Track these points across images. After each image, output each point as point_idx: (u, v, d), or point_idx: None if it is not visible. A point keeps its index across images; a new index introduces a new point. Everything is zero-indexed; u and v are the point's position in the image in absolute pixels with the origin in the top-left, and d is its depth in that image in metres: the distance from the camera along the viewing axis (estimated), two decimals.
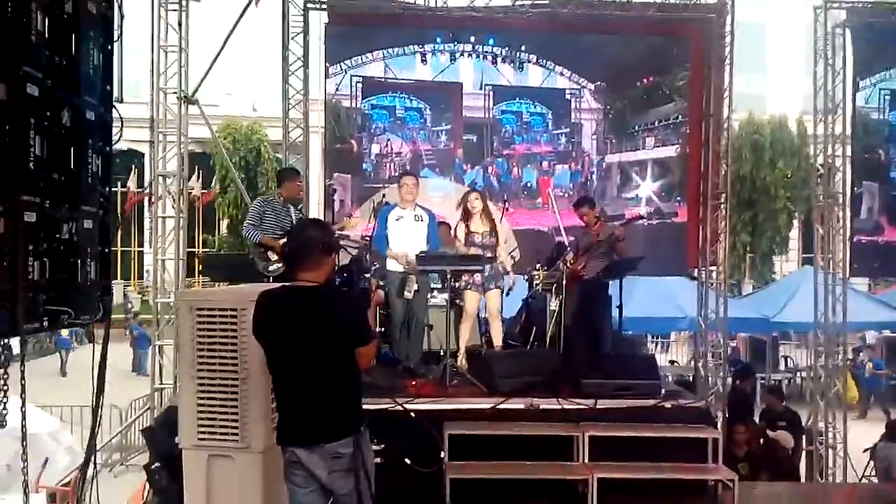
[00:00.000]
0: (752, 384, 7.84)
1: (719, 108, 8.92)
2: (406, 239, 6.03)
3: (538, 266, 7.08)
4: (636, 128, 9.10)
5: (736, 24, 8.93)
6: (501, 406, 5.07)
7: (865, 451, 8.50)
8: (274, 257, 6.05)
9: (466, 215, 6.29)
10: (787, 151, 28.41)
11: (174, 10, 8.79)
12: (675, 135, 9.08)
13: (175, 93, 8.89)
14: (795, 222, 29.14)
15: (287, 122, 8.78)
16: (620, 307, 6.06)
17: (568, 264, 6.50)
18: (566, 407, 5.05)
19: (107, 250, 3.61)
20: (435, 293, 6.71)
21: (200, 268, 8.22)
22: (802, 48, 31.26)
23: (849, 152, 9.27)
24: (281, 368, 3.14)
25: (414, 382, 5.48)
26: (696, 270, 9.27)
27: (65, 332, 18.73)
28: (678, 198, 9.11)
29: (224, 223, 27.23)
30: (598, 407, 5.06)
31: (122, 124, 3.89)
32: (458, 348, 6.06)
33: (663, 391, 5.42)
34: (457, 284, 6.04)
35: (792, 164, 28.32)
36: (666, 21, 8.84)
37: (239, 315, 3.52)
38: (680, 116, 9.05)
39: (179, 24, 8.72)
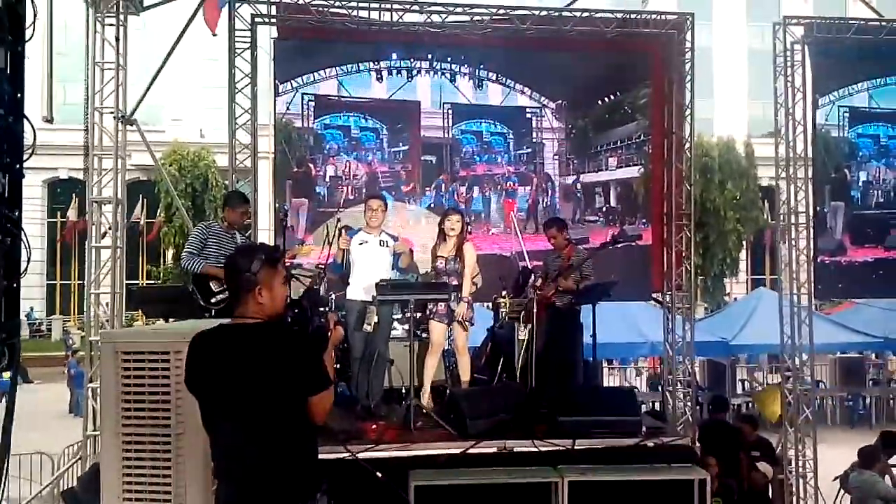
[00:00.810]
0: (727, 415, 7.56)
1: (681, 126, 8.74)
2: (368, 266, 5.58)
3: (504, 293, 6.67)
4: (599, 147, 8.85)
5: None
6: (472, 450, 4.60)
7: (835, 479, 8.27)
8: (217, 287, 5.51)
9: (443, 235, 5.87)
10: (735, 173, 28.95)
11: (111, 25, 8.23)
12: (638, 154, 8.86)
13: (112, 113, 8.28)
14: (744, 244, 29.61)
15: (234, 143, 8.24)
16: (594, 335, 5.68)
17: (537, 291, 6.11)
18: (542, 449, 4.62)
19: (14, 285, 3.10)
20: (395, 324, 6.24)
21: (134, 313, 7.54)
22: (746, 72, 32.02)
23: (811, 172, 9.17)
24: (218, 424, 2.63)
25: (375, 426, 4.96)
26: (660, 294, 9.01)
27: (5, 374, 17.39)
28: (642, 220, 8.86)
29: (170, 253, 26.25)
30: (576, 448, 4.64)
31: (34, 138, 3.40)
32: (422, 385, 5.58)
33: (644, 428, 5.04)
34: (419, 315, 5.59)
35: (740, 186, 28.85)
36: (626, 37, 8.65)
37: (172, 359, 3.02)
38: (642, 135, 8.85)
39: (117, 39, 8.16)
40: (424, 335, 5.90)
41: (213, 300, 5.64)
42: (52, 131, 26.50)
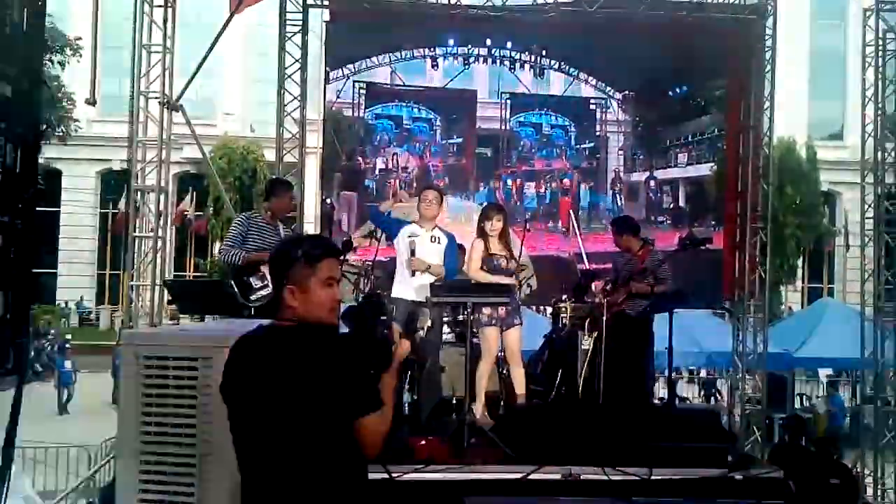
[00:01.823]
0: (806, 437, 6.89)
1: (759, 121, 8.06)
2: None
3: (564, 298, 6.12)
4: (668, 143, 8.22)
5: None
6: (533, 476, 4.07)
7: None
8: (258, 283, 5.10)
9: (483, 235, 5.36)
10: (795, 176, 27.69)
11: (160, 7, 7.93)
12: (711, 151, 8.21)
13: (158, 98, 7.98)
14: (802, 251, 28.38)
15: (282, 132, 7.88)
16: (671, 348, 5.10)
17: (605, 296, 5.55)
18: (614, 478, 4.06)
19: (25, 275, 2.70)
20: (444, 329, 5.74)
21: (168, 297, 7.20)
22: (808, 71, 30.47)
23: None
24: (248, 445, 2.18)
25: (424, 442, 4.44)
26: (730, 302, 8.35)
27: (68, 364, 17.28)
28: (713, 222, 8.20)
29: (216, 246, 26.31)
30: (653, 478, 4.07)
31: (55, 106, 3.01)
32: (474, 397, 5.07)
33: (729, 458, 4.43)
34: (473, 318, 5.09)
35: (800, 191, 27.60)
36: (701, 24, 8.02)
37: (201, 367, 2.58)
38: (716, 130, 8.18)
39: (164, 21, 7.84)
40: (476, 341, 5.40)
41: (252, 297, 5.23)
42: (106, 122, 26.88)
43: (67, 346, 20.77)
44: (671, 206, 8.15)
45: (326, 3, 8.09)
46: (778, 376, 16.11)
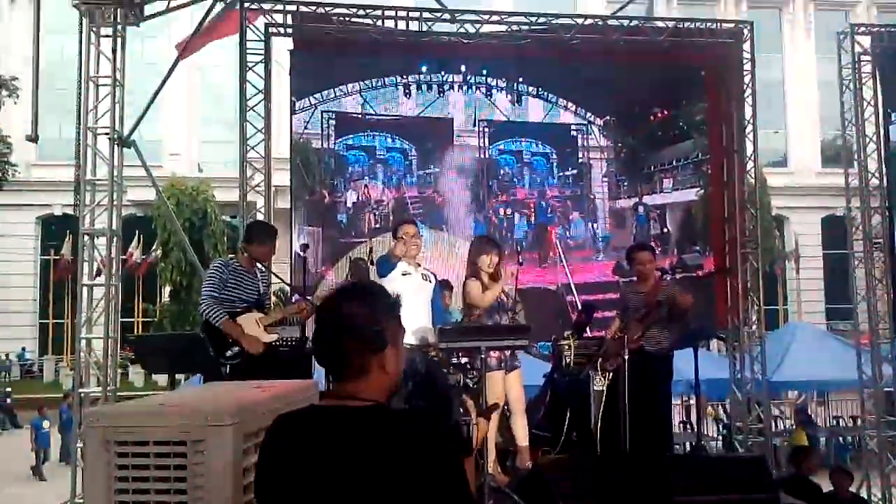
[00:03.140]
0: (814, 467, 6.56)
1: (742, 145, 7.87)
2: (413, 304, 4.59)
3: (566, 334, 5.67)
4: (652, 168, 7.95)
5: None
6: None
7: None
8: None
9: (476, 272, 4.91)
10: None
11: (107, 37, 7.35)
12: (696, 175, 7.97)
13: (107, 134, 7.34)
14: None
15: (245, 167, 7.31)
16: (697, 386, 4.68)
17: (616, 332, 5.12)
18: None
19: None
20: None
21: (131, 355, 6.51)
22: (817, 103, 30.75)
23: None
24: None
25: None
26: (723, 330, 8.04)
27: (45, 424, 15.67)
28: (702, 247, 7.92)
29: (166, 290, 25.20)
30: None
31: None
32: (485, 451, 4.53)
33: None
34: (465, 361, 4.60)
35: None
36: (679, 48, 7.84)
37: (191, 452, 2.01)
38: (700, 154, 7.96)
39: (113, 52, 7.25)
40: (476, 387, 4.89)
41: (227, 353, 4.64)
42: (46, 167, 25.72)
43: (8, 400, 19.38)
44: (659, 232, 7.84)
45: (290, 31, 7.63)
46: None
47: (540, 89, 7.78)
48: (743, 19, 8.35)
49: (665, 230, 7.91)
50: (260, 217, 7.44)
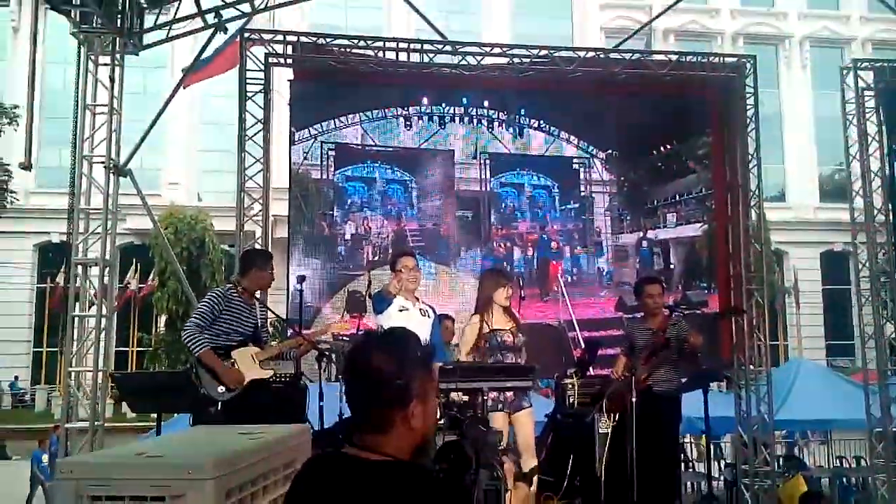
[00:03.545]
0: None
1: (746, 179, 7.78)
2: None
3: (570, 373, 5.50)
4: (655, 202, 7.84)
5: None
6: None
7: None
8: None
9: (488, 306, 4.76)
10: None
11: (105, 65, 7.28)
12: (700, 210, 7.86)
13: (103, 162, 7.23)
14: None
15: (242, 197, 7.20)
16: (707, 429, 4.50)
17: (623, 372, 4.95)
18: None
19: None
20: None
21: (114, 391, 6.31)
22: (814, 139, 30.85)
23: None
24: None
25: None
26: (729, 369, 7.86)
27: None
28: (707, 284, 7.78)
29: (162, 319, 24.95)
30: None
31: None
32: None
33: None
34: (478, 402, 4.42)
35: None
36: (681, 81, 7.80)
37: None
38: (703, 189, 7.86)
39: (111, 80, 7.17)
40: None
41: (220, 389, 4.46)
42: (44, 194, 25.66)
43: None
44: (663, 268, 7.70)
45: (290, 62, 7.58)
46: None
47: (541, 122, 7.71)
48: (744, 53, 8.27)
49: (669, 266, 7.77)
50: (258, 247, 7.32)
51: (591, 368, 5.69)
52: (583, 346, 6.49)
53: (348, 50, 7.45)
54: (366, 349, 1.66)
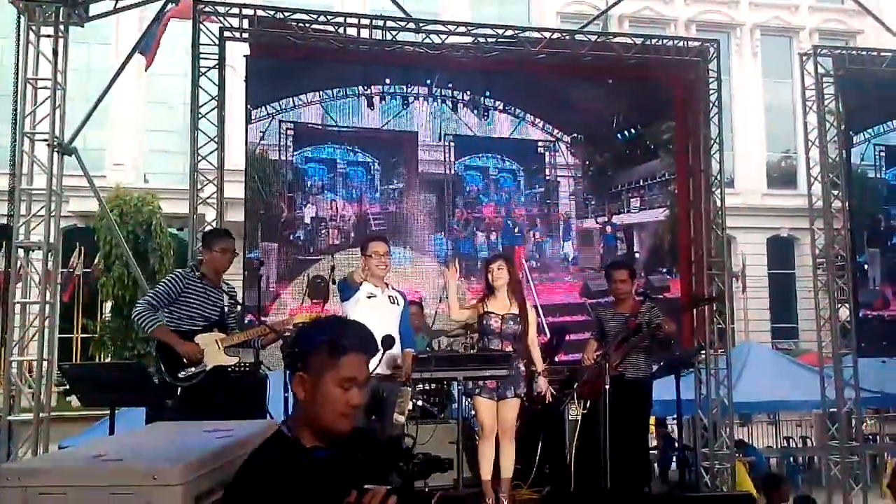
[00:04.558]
0: (787, 495, 6.45)
1: (708, 164, 7.80)
2: (380, 328, 4.27)
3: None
4: (620, 187, 7.80)
5: None
6: None
7: None
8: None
9: (488, 290, 4.67)
10: None
11: (48, 36, 6.86)
12: (663, 195, 7.85)
13: (46, 140, 6.84)
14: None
15: (196, 177, 6.89)
16: (679, 418, 4.47)
17: (595, 358, 4.88)
18: None
19: None
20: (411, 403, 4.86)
21: (63, 385, 6.00)
22: (764, 126, 31.36)
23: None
24: None
25: None
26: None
27: None
28: (669, 269, 7.80)
29: (108, 305, 24.17)
30: None
31: None
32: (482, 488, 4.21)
33: None
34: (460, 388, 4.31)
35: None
36: (646, 65, 7.74)
37: None
38: (667, 174, 7.85)
39: (55, 53, 6.77)
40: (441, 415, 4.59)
41: (180, 374, 4.24)
42: None
43: None
44: (627, 253, 7.67)
45: (246, 37, 7.26)
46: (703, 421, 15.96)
47: (507, 104, 7.58)
48: (708, 38, 8.27)
49: (633, 251, 7.75)
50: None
51: (558, 354, 5.61)
52: (548, 332, 6.42)
53: (308, 25, 7.17)
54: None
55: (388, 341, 3.90)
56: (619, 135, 7.84)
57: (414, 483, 2.54)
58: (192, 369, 4.32)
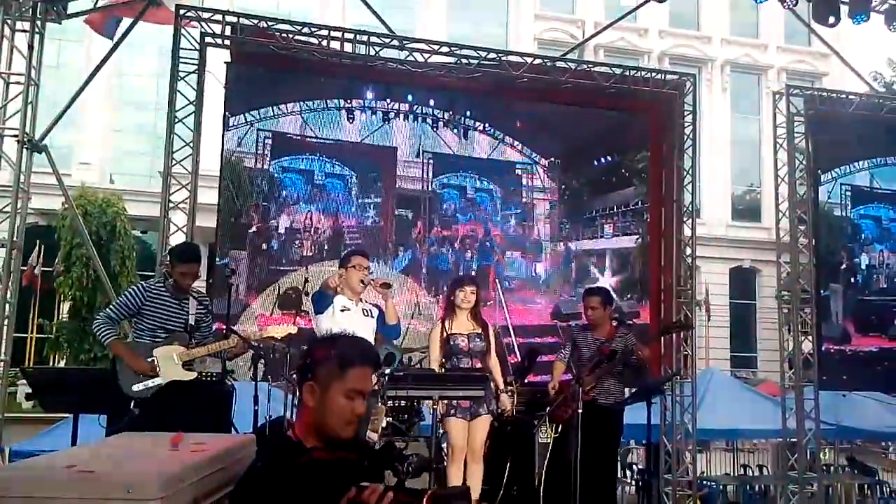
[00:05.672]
0: None
1: (681, 194, 7.94)
2: None
3: (509, 379, 5.40)
4: (594, 212, 7.88)
5: None
6: None
7: None
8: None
9: (450, 312, 4.65)
10: None
11: (23, 31, 6.74)
12: (636, 222, 7.95)
13: (16, 136, 6.69)
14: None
15: (169, 181, 6.79)
16: (648, 444, 4.49)
17: (559, 382, 4.88)
18: None
19: None
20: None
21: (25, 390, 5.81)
22: (729, 160, 31.87)
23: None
24: None
25: None
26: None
27: None
28: (639, 296, 7.89)
29: (66, 306, 23.55)
30: None
31: None
32: None
33: None
34: (434, 409, 4.28)
35: None
36: (624, 95, 7.86)
37: None
38: (640, 202, 7.96)
39: (30, 48, 6.65)
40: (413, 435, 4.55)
41: (134, 387, 4.15)
42: None
43: None
44: (599, 278, 7.74)
45: (227, 44, 7.19)
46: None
47: (487, 125, 7.62)
48: (684, 72, 8.44)
49: (605, 276, 7.82)
50: (181, 236, 6.90)
51: (528, 375, 5.61)
52: (518, 353, 6.42)
53: (290, 36, 7.13)
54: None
55: (389, 359, 3.93)
56: (595, 161, 7.93)
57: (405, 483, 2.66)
58: (149, 383, 4.24)
